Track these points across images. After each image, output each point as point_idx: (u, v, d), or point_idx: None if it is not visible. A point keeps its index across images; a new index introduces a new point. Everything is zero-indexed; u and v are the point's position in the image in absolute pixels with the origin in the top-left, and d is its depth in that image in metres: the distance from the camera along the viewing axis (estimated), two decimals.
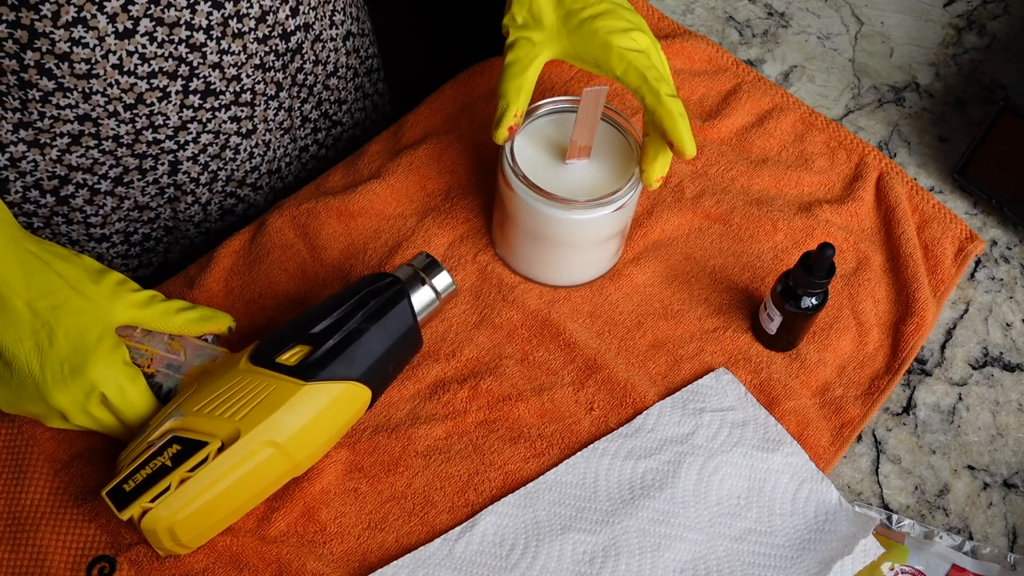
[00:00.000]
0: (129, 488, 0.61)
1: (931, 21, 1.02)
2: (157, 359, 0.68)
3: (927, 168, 0.91)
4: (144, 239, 0.84)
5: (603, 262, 0.79)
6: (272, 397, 0.63)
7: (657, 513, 0.69)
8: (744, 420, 0.73)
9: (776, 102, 0.92)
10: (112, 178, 0.77)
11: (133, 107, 0.72)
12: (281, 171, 0.88)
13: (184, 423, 0.63)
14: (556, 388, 0.75)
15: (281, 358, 0.64)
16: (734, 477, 0.71)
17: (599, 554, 0.68)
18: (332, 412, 0.65)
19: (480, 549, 0.68)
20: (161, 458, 0.61)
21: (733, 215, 0.84)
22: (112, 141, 0.74)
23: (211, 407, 0.63)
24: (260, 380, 0.64)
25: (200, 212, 0.84)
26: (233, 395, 0.63)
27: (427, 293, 0.70)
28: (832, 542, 0.68)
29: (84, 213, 0.79)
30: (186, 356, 0.68)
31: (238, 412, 0.62)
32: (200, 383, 0.65)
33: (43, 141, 0.72)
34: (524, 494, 0.70)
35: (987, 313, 0.83)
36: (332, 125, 0.92)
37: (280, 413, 0.63)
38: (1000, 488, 0.74)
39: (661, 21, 0.98)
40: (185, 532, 0.62)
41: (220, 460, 0.62)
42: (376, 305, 0.67)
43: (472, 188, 0.84)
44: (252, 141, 0.82)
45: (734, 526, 0.69)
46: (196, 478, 0.61)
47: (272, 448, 0.63)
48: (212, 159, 0.81)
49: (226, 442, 0.62)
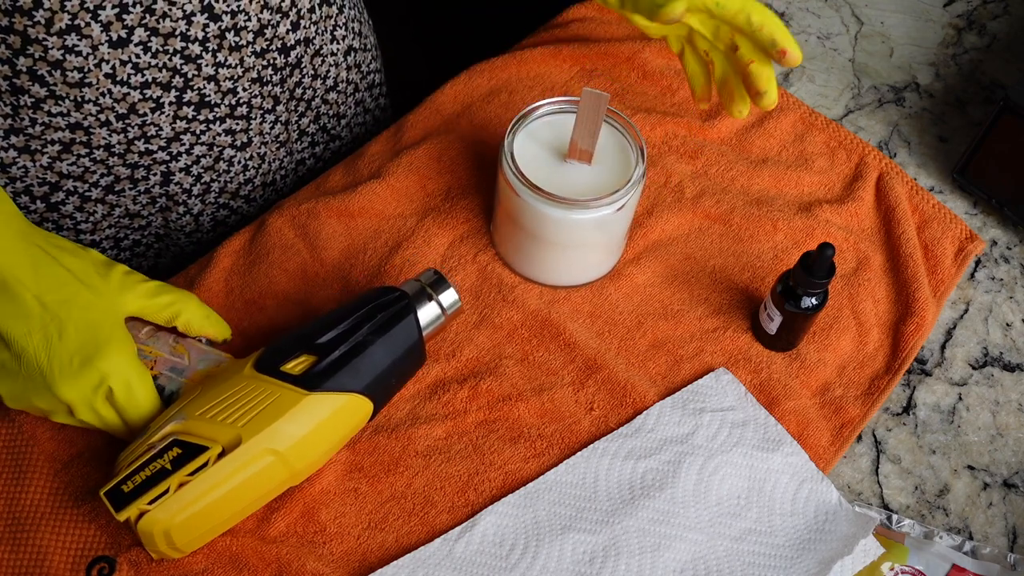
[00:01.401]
0: (127, 489, 0.61)
1: (931, 21, 1.02)
2: (161, 361, 0.68)
3: (927, 168, 0.91)
4: (135, 245, 0.84)
5: (603, 262, 0.79)
6: (275, 405, 0.63)
7: (657, 513, 0.69)
8: (744, 420, 0.73)
9: (776, 102, 0.92)
10: (103, 186, 0.77)
11: (125, 117, 0.72)
12: (276, 183, 0.88)
13: (186, 427, 0.62)
14: (556, 388, 0.75)
15: (286, 367, 0.64)
16: (734, 477, 0.71)
17: (599, 554, 0.68)
18: (334, 423, 0.65)
19: (480, 549, 0.68)
20: (161, 461, 0.61)
21: (733, 215, 0.84)
22: (104, 150, 0.74)
23: (213, 412, 0.63)
24: (264, 388, 0.63)
25: (192, 223, 0.84)
26: (236, 401, 0.63)
27: (433, 309, 0.70)
28: (832, 542, 0.68)
29: (74, 220, 0.78)
30: (190, 360, 0.68)
31: (240, 418, 0.62)
32: (203, 387, 0.65)
33: (34, 148, 0.72)
34: (524, 494, 0.70)
35: (987, 313, 0.83)
36: (331, 139, 0.92)
37: (282, 422, 0.63)
38: (1000, 488, 0.74)
39: None
40: (181, 536, 0.62)
41: (220, 466, 0.61)
42: (383, 319, 0.67)
43: (472, 188, 0.84)
44: (247, 154, 0.82)
45: (734, 526, 0.69)
46: (195, 482, 0.61)
47: (272, 456, 0.63)
48: (205, 171, 0.80)
49: (227, 448, 0.62)
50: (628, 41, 0.95)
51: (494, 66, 0.92)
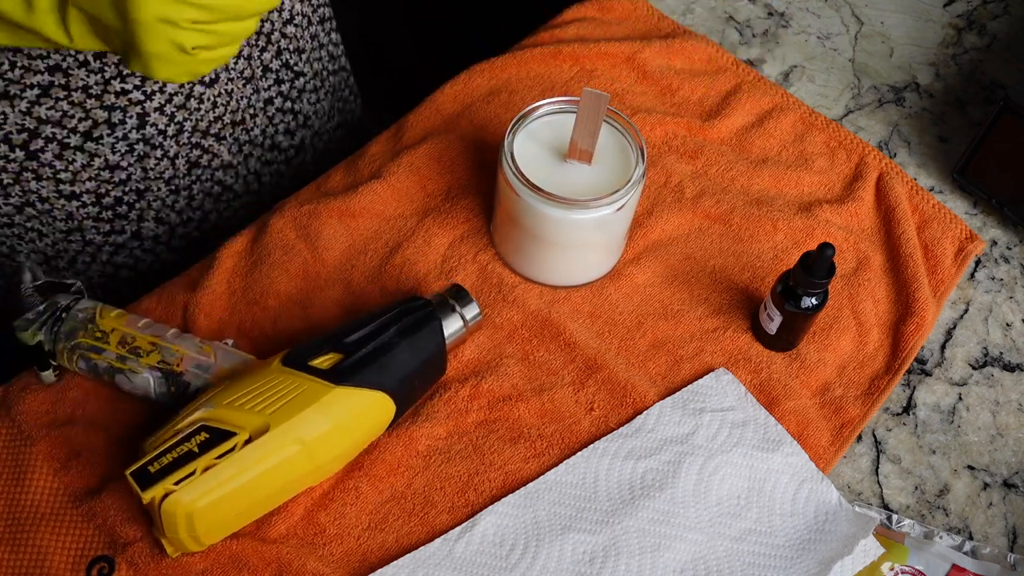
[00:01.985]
0: (154, 470, 0.61)
1: (931, 21, 1.02)
2: (187, 359, 0.69)
3: (927, 168, 0.91)
4: (116, 203, 0.85)
5: (603, 262, 0.79)
6: (303, 396, 0.64)
7: (657, 513, 0.69)
8: (744, 420, 0.73)
9: (776, 102, 0.92)
10: (81, 132, 0.77)
11: (102, 55, 0.73)
12: (246, 123, 0.89)
13: (214, 414, 0.63)
14: (556, 388, 0.75)
15: (314, 362, 0.66)
16: (734, 477, 0.71)
17: (599, 554, 0.68)
18: (358, 419, 0.66)
19: (480, 549, 0.68)
20: (188, 444, 0.62)
21: (733, 215, 0.84)
22: (81, 92, 0.74)
23: (242, 400, 0.64)
24: (292, 380, 0.65)
25: (169, 167, 0.85)
26: (265, 392, 0.64)
27: (456, 320, 0.73)
28: (832, 542, 0.68)
29: (53, 168, 0.79)
30: (216, 358, 0.70)
31: (268, 407, 0.64)
32: (231, 380, 0.66)
33: (12, 92, 0.72)
34: (524, 494, 0.70)
35: (987, 313, 0.83)
36: (295, 76, 0.92)
37: (310, 411, 0.64)
38: (1000, 488, 0.74)
39: (661, 21, 0.98)
40: (202, 521, 0.62)
41: (247, 451, 0.62)
42: (409, 322, 0.69)
43: (472, 188, 0.84)
44: (215, 90, 0.83)
45: (734, 526, 0.69)
46: (221, 466, 0.62)
47: (298, 446, 0.64)
48: (178, 109, 0.81)
49: (254, 435, 0.63)
50: (628, 41, 0.95)
51: (494, 66, 0.92)
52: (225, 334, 0.76)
